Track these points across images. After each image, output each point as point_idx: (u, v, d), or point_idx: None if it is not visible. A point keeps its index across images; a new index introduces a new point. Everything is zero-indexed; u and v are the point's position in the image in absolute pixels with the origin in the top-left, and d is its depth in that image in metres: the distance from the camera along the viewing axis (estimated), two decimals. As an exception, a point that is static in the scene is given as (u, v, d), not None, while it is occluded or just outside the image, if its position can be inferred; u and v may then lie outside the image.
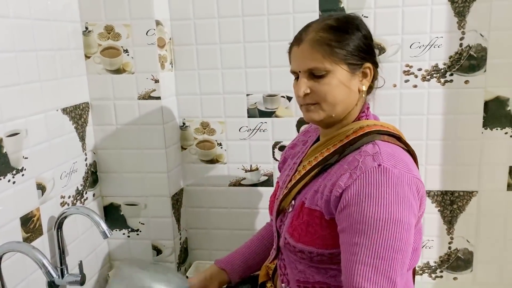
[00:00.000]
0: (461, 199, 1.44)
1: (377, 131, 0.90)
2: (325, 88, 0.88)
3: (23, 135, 1.13)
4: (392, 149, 0.86)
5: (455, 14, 1.33)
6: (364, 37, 0.91)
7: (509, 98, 1.35)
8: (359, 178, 0.81)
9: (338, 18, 0.92)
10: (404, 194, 0.80)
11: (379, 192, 0.79)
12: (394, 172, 0.80)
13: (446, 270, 1.50)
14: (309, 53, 0.89)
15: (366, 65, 0.91)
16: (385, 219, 0.78)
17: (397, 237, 0.78)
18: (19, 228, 1.12)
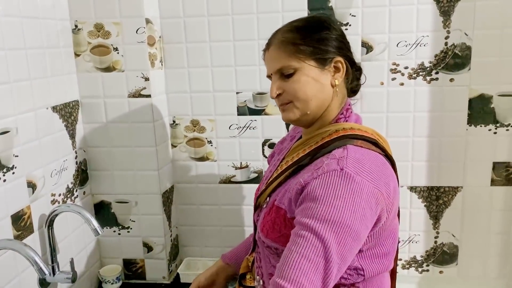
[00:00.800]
0: (446, 194, 1.47)
1: (351, 135, 0.89)
2: (294, 86, 0.90)
3: (14, 134, 1.13)
4: (362, 155, 0.85)
5: (440, 14, 1.36)
6: (332, 33, 0.92)
7: (492, 96, 1.39)
8: (319, 178, 0.81)
9: (306, 19, 0.95)
10: (360, 203, 0.79)
11: (335, 195, 0.79)
12: (355, 179, 0.79)
13: (432, 264, 1.53)
14: (276, 54, 0.91)
15: (336, 58, 0.90)
16: (334, 221, 0.77)
17: (340, 241, 0.77)
18: (10, 226, 1.12)
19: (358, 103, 1.43)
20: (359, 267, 0.87)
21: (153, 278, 1.56)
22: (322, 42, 0.90)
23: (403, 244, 1.53)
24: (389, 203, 0.84)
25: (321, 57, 0.89)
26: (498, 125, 1.40)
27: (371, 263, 0.88)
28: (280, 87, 0.92)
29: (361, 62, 1.41)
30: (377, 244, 0.88)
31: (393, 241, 0.92)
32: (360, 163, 0.82)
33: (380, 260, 0.89)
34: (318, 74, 0.90)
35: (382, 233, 0.87)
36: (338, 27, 0.95)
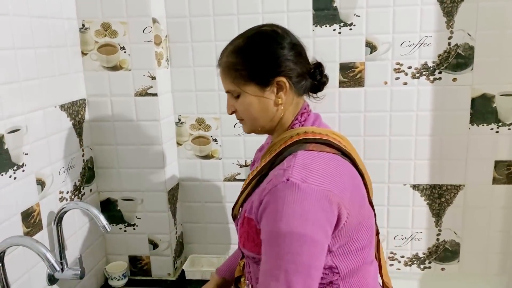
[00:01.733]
0: (448, 192, 1.49)
1: (303, 140, 0.92)
2: (242, 107, 0.96)
3: (23, 132, 1.14)
4: (311, 160, 0.87)
5: (444, 14, 1.37)
6: (273, 52, 0.93)
7: (494, 95, 1.41)
8: (269, 193, 0.85)
9: (247, 37, 0.96)
10: (309, 208, 0.81)
11: (283, 207, 0.82)
12: (301, 187, 0.82)
13: (434, 261, 1.56)
14: (223, 77, 0.98)
15: (277, 79, 0.93)
16: (286, 233, 0.81)
17: (297, 251, 0.80)
18: (20, 223, 1.14)
19: (362, 102, 1.47)
20: (333, 265, 0.89)
21: (159, 275, 1.58)
22: (262, 64, 0.93)
23: (406, 241, 1.55)
24: (346, 200, 0.86)
25: (261, 80, 0.93)
26: (500, 124, 1.42)
27: (345, 260, 0.90)
28: (233, 105, 0.98)
29: (365, 61, 1.43)
30: (349, 240, 0.90)
31: (367, 234, 0.94)
32: (306, 169, 0.85)
33: (355, 256, 0.91)
34: (260, 95, 0.94)
35: (351, 229, 0.89)
36: (287, 37, 0.96)
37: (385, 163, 1.50)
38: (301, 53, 0.98)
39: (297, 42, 0.98)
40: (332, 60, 1.44)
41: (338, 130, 1.48)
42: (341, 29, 1.42)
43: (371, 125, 1.47)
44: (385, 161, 1.49)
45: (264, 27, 0.98)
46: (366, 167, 1.44)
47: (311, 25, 1.43)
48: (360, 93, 1.45)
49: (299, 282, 0.81)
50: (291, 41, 0.96)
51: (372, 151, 1.49)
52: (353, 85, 1.45)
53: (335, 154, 0.92)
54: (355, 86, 1.45)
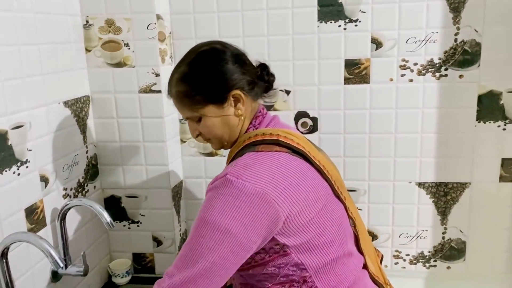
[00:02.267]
0: (454, 190, 1.48)
1: (253, 142, 0.96)
2: (205, 130, 1.00)
3: (27, 128, 1.14)
4: (254, 160, 0.91)
5: (450, 10, 1.36)
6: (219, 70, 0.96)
7: (502, 92, 1.39)
8: (208, 188, 0.91)
9: (189, 62, 0.99)
10: (235, 202, 0.85)
11: (212, 198, 0.87)
12: (234, 183, 0.86)
13: (440, 259, 1.54)
14: (178, 107, 1.01)
15: (232, 93, 0.96)
16: (203, 220, 0.86)
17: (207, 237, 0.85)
18: (24, 220, 1.13)
19: (367, 99, 1.46)
20: (299, 262, 0.91)
21: (162, 272, 1.55)
22: (213, 84, 0.96)
23: (411, 239, 1.53)
24: (287, 198, 0.88)
25: (217, 99, 0.96)
26: (507, 122, 1.41)
27: (310, 256, 0.92)
28: (196, 129, 1.02)
29: (371, 58, 1.42)
30: (312, 237, 0.91)
31: (333, 230, 0.95)
32: (245, 168, 0.88)
33: (321, 251, 0.92)
34: (221, 113, 0.98)
35: (306, 225, 0.90)
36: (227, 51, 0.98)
37: (391, 160, 1.48)
38: (245, 61, 1.01)
39: (238, 52, 1.01)
40: (337, 56, 1.43)
41: (343, 127, 1.48)
42: (346, 26, 1.41)
43: (376, 123, 1.46)
44: (390, 159, 1.48)
45: (203, 47, 1.00)
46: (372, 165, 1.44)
47: (316, 21, 1.42)
48: (366, 90, 1.44)
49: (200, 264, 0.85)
50: (233, 53, 0.99)
51: (377, 148, 1.48)
52: (358, 82, 1.44)
53: (284, 153, 0.94)
54: (360, 83, 1.44)
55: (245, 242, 0.86)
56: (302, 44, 1.43)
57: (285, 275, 0.92)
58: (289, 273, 0.92)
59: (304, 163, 0.96)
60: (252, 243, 0.87)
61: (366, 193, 1.52)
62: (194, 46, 1.03)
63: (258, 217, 0.85)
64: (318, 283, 0.93)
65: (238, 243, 0.85)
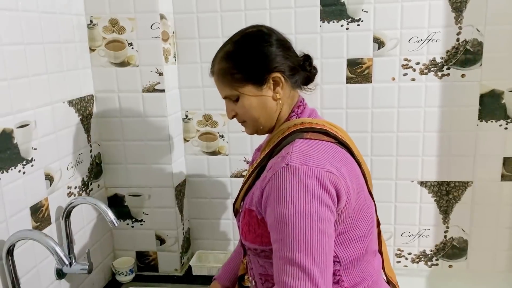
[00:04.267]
0: (456, 189, 1.48)
1: (300, 129, 0.95)
2: (242, 110, 0.98)
3: (32, 127, 1.15)
4: (309, 146, 0.90)
5: (453, 10, 1.36)
6: (263, 51, 0.96)
7: (503, 91, 1.40)
8: (271, 180, 0.87)
9: (235, 41, 0.99)
10: (311, 187, 0.83)
11: (286, 190, 0.84)
12: (300, 169, 0.84)
13: (442, 258, 1.55)
14: (219, 84, 1.00)
15: (272, 75, 0.96)
16: (293, 214, 0.82)
17: (308, 228, 0.81)
18: (29, 218, 1.14)
19: (369, 98, 1.46)
20: (334, 254, 0.89)
21: (166, 270, 1.58)
22: (255, 64, 0.96)
23: (413, 238, 1.54)
24: (344, 181, 0.88)
25: (257, 79, 0.96)
26: (509, 121, 1.41)
27: (345, 249, 0.91)
28: (233, 109, 1.01)
29: (373, 57, 1.42)
30: (349, 229, 0.91)
31: (367, 224, 0.95)
32: (305, 154, 0.87)
33: (355, 245, 0.92)
34: (259, 94, 0.97)
35: (350, 215, 0.90)
36: (273, 35, 0.98)
37: (393, 159, 1.49)
38: (289, 47, 1.01)
39: (283, 38, 1.01)
40: (340, 56, 1.44)
41: (345, 126, 1.48)
42: (349, 25, 1.42)
43: (379, 122, 1.47)
44: (392, 158, 1.49)
45: (249, 29, 1.01)
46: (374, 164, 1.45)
47: (319, 20, 1.43)
48: (368, 89, 1.45)
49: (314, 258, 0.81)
50: (278, 38, 0.99)
51: (380, 147, 1.49)
52: (361, 81, 1.45)
53: (331, 143, 0.94)
54: (362, 82, 1.45)
55: (332, 220, 0.85)
56: (304, 43, 1.44)
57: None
58: None
59: (349, 156, 0.96)
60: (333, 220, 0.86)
61: (368, 191, 1.52)
62: (241, 29, 1.03)
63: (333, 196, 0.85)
64: (345, 278, 0.92)
65: (331, 224, 0.85)
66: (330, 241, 0.85)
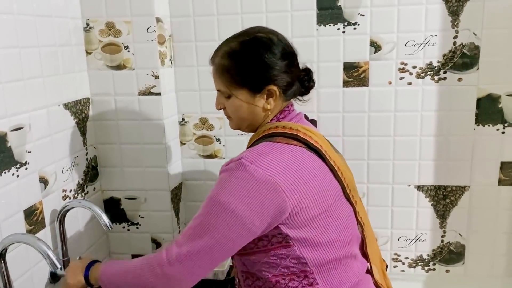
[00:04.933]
0: (453, 193, 1.48)
1: (272, 133, 0.98)
2: (231, 108, 1.02)
3: (27, 130, 1.15)
4: (270, 149, 0.93)
5: (449, 13, 1.36)
6: (266, 61, 0.97)
7: (500, 96, 1.39)
8: (223, 168, 0.94)
9: (243, 42, 0.99)
10: (245, 186, 0.88)
11: (224, 179, 0.90)
12: (247, 167, 0.89)
13: (439, 262, 1.54)
14: (216, 77, 1.02)
15: (268, 87, 0.97)
16: (214, 199, 0.90)
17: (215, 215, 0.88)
18: (23, 221, 1.14)
19: (366, 102, 1.46)
20: (300, 256, 0.93)
21: (161, 274, 1.58)
22: (255, 72, 0.97)
23: (410, 242, 1.53)
24: (295, 191, 0.90)
25: (253, 87, 0.98)
26: (506, 125, 1.41)
27: (312, 252, 0.93)
28: (221, 103, 1.04)
29: (370, 61, 1.42)
30: (316, 233, 0.93)
31: (339, 229, 0.97)
32: (260, 155, 0.91)
33: (326, 248, 0.94)
34: (251, 99, 0.99)
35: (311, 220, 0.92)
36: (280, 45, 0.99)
37: (389, 163, 1.48)
38: (293, 61, 1.02)
39: (291, 50, 1.02)
40: (336, 59, 1.44)
41: (342, 130, 1.48)
42: (345, 29, 1.41)
43: (375, 125, 1.46)
44: (389, 162, 1.48)
45: (260, 33, 1.00)
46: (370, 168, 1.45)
47: (315, 24, 1.42)
48: (364, 93, 1.44)
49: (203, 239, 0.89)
50: (285, 50, 1.00)
51: (376, 151, 1.48)
52: (357, 85, 1.44)
53: (300, 147, 0.96)
54: (359, 86, 1.44)
55: (250, 225, 0.88)
56: (301, 47, 1.40)
57: (286, 267, 0.94)
58: (290, 265, 0.94)
59: (319, 161, 0.97)
60: (256, 228, 0.89)
61: (365, 195, 1.52)
62: (252, 27, 1.03)
63: (265, 204, 0.88)
64: (320, 281, 0.95)
65: (242, 225, 0.88)
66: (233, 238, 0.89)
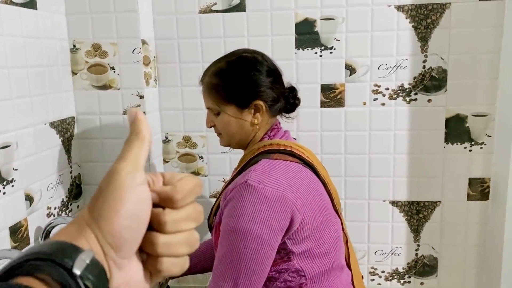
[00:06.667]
0: (426, 208, 1.55)
1: (268, 150, 1.01)
2: (220, 124, 1.07)
3: (14, 148, 1.17)
4: (272, 166, 0.96)
5: (418, 39, 1.46)
6: (252, 78, 1.03)
7: (467, 116, 1.48)
8: (231, 193, 0.94)
9: (229, 62, 1.06)
10: (260, 208, 0.90)
11: (237, 206, 0.91)
12: (256, 188, 0.91)
13: (414, 275, 1.60)
14: (205, 95, 1.08)
15: (255, 102, 1.03)
16: (234, 230, 0.90)
17: (243, 246, 0.89)
18: (8, 238, 1.15)
19: (342, 121, 1.53)
20: (300, 268, 0.97)
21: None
22: (242, 88, 1.03)
23: (386, 256, 1.59)
24: (301, 204, 0.94)
25: (240, 102, 1.03)
26: (473, 143, 1.50)
27: (310, 264, 0.97)
28: (211, 120, 1.09)
29: (345, 83, 1.50)
30: (314, 246, 0.97)
31: (332, 240, 1.02)
32: (264, 174, 0.94)
33: (321, 260, 0.98)
34: (239, 114, 1.04)
35: (311, 233, 0.96)
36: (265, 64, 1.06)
37: (365, 180, 1.55)
38: (278, 79, 1.08)
39: (275, 68, 1.08)
40: (314, 81, 1.51)
41: (320, 148, 1.55)
42: (322, 52, 1.49)
43: (351, 144, 1.53)
44: (365, 178, 1.55)
45: (246, 53, 1.07)
46: (347, 184, 1.52)
47: (294, 48, 1.50)
48: (341, 113, 1.52)
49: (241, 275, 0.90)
50: (269, 68, 1.06)
51: (353, 168, 1.55)
52: (334, 105, 1.52)
53: (296, 163, 1.00)
54: (335, 106, 1.52)
55: (274, 244, 0.92)
56: (281, 69, 1.50)
57: (284, 281, 0.97)
58: (288, 279, 0.97)
59: (313, 175, 1.03)
60: (277, 244, 0.93)
61: (343, 211, 1.58)
62: (238, 49, 1.10)
63: (281, 220, 0.91)
64: None
65: (270, 247, 0.91)
66: (265, 261, 0.91)
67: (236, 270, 0.90)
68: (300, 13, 1.48)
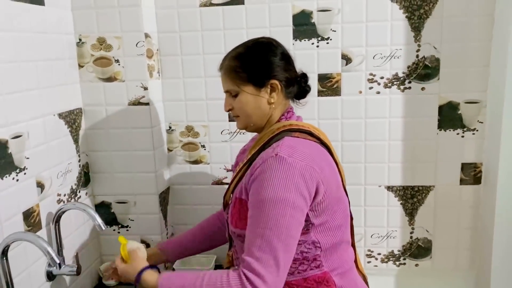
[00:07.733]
0: (420, 193, 1.61)
1: (289, 129, 1.09)
2: (238, 105, 1.12)
3: (25, 138, 1.24)
4: (295, 142, 1.04)
5: (412, 29, 1.50)
6: (268, 59, 1.10)
7: (459, 103, 1.53)
8: (259, 167, 1.00)
9: (247, 46, 1.13)
10: (293, 178, 0.96)
11: (271, 176, 0.97)
12: (287, 160, 0.98)
13: (409, 257, 1.66)
14: (224, 78, 1.14)
15: (271, 81, 1.10)
16: (272, 198, 0.96)
17: (281, 212, 0.95)
18: (22, 222, 1.22)
19: (339, 110, 1.58)
20: (316, 240, 1.04)
21: (150, 274, 1.66)
22: (258, 68, 1.10)
23: (382, 239, 1.65)
24: (324, 178, 1.02)
25: (257, 81, 1.09)
26: (465, 130, 1.54)
27: (325, 236, 1.05)
28: (230, 103, 1.14)
29: (341, 72, 1.55)
30: (329, 219, 1.05)
31: (344, 215, 1.10)
32: (292, 148, 1.01)
33: (333, 233, 1.06)
34: (256, 95, 1.10)
35: (329, 207, 1.04)
36: (279, 48, 1.13)
37: (361, 166, 1.61)
38: (290, 62, 1.15)
39: (287, 53, 1.15)
40: (311, 71, 1.56)
41: (317, 136, 1.60)
42: (319, 43, 1.54)
43: (348, 131, 1.59)
44: (361, 164, 1.61)
45: (262, 39, 1.15)
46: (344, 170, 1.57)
47: (291, 39, 1.55)
48: (337, 101, 1.57)
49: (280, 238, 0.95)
50: (283, 52, 1.13)
51: (349, 155, 1.60)
52: (331, 94, 1.57)
53: (315, 142, 1.08)
54: (332, 95, 1.57)
55: (306, 212, 0.99)
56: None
57: (301, 252, 1.04)
58: (305, 250, 1.04)
59: (328, 155, 1.11)
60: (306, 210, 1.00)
61: (340, 196, 1.64)
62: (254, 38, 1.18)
63: (311, 189, 0.99)
64: (325, 263, 1.06)
65: (303, 213, 0.99)
66: (299, 227, 0.98)
67: (275, 236, 0.94)
68: (297, 5, 1.52)
